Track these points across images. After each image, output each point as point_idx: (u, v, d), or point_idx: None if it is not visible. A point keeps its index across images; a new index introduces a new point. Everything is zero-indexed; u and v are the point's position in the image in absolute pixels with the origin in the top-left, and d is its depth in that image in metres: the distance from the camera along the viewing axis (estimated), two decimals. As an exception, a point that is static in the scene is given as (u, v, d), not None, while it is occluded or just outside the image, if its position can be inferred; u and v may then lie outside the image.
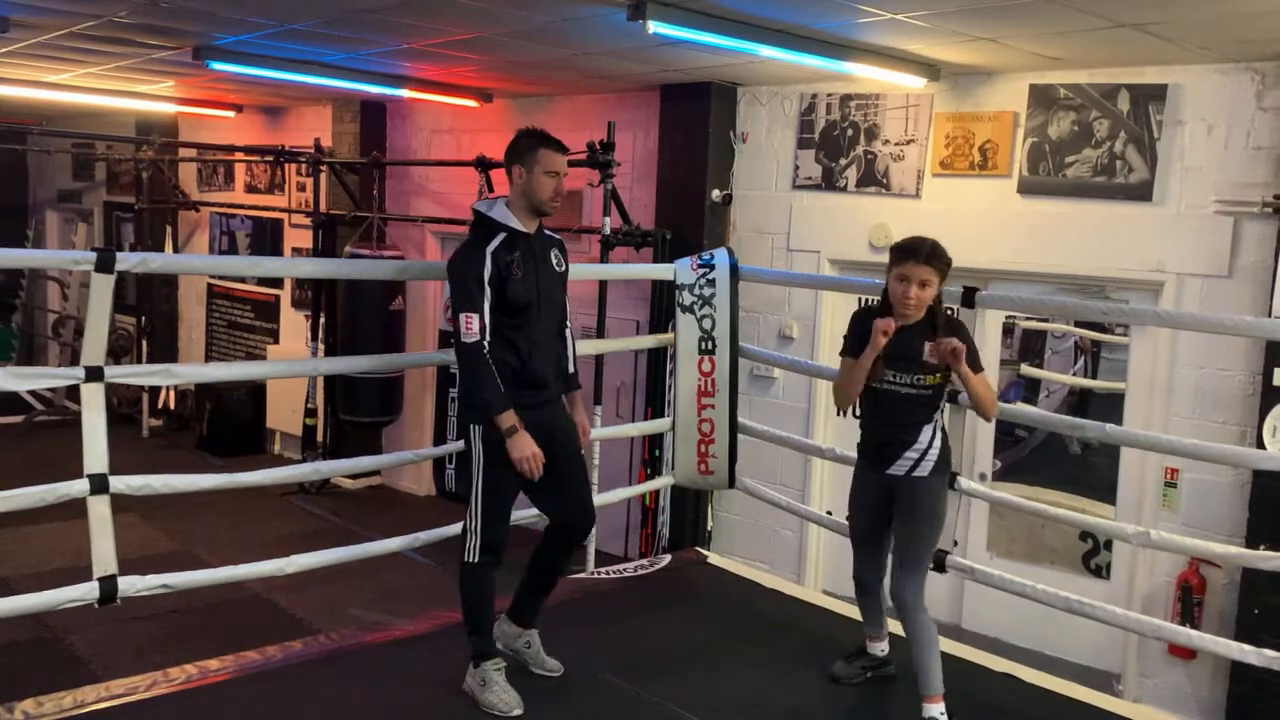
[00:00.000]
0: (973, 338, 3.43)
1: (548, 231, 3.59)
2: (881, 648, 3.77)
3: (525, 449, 3.29)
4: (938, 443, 3.43)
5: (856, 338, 3.46)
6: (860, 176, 6.03)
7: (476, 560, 3.42)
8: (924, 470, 3.40)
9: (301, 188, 9.45)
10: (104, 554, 3.43)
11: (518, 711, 3.35)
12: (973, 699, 3.75)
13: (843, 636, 4.02)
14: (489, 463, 3.40)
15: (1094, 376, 6.11)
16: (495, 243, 3.35)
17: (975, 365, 3.36)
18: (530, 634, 3.72)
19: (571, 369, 3.71)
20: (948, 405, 4.20)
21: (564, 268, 3.60)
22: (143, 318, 10.79)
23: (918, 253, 3.33)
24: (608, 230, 6.26)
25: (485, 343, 3.31)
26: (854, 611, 3.89)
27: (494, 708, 3.36)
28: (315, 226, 8.79)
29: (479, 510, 3.41)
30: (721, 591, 4.75)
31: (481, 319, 3.30)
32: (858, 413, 3.71)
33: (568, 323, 3.67)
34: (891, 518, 3.51)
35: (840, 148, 6.11)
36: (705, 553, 5.41)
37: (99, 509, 3.41)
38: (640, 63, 5.92)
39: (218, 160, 10.53)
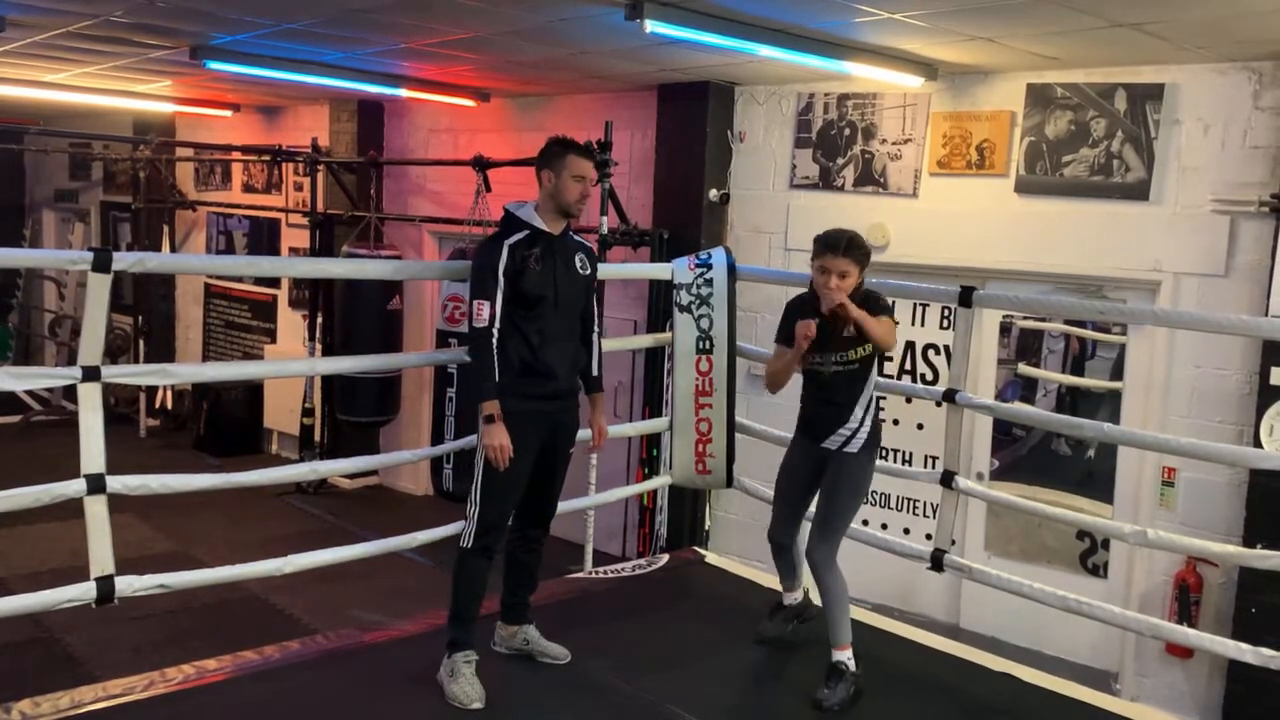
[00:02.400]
0: (889, 304, 3.71)
1: (576, 237, 3.72)
2: (795, 597, 4.12)
3: (495, 439, 3.39)
4: (869, 422, 3.71)
5: (788, 327, 3.71)
6: (858, 176, 6.03)
7: (470, 546, 3.51)
8: (854, 447, 3.69)
9: (299, 187, 9.45)
10: (101, 554, 3.42)
11: (477, 705, 3.38)
12: (971, 698, 3.76)
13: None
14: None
15: (1080, 376, 6.12)
16: (515, 238, 3.49)
17: (881, 312, 3.62)
18: (525, 629, 3.78)
19: (595, 371, 3.81)
20: (945, 404, 4.28)
21: (589, 271, 3.70)
22: (140, 317, 10.79)
23: (837, 245, 3.57)
24: (605, 229, 6.26)
25: (495, 330, 3.43)
26: (853, 611, 3.88)
27: (455, 699, 3.41)
28: (312, 226, 8.78)
29: (478, 497, 3.50)
30: (719, 591, 4.75)
31: (492, 307, 3.43)
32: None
33: (595, 326, 3.79)
34: (813, 487, 3.84)
35: (838, 147, 6.11)
36: (703, 552, 5.41)
37: (96, 509, 3.40)
38: (637, 62, 5.92)
39: (215, 160, 10.52)
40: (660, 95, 6.70)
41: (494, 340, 3.43)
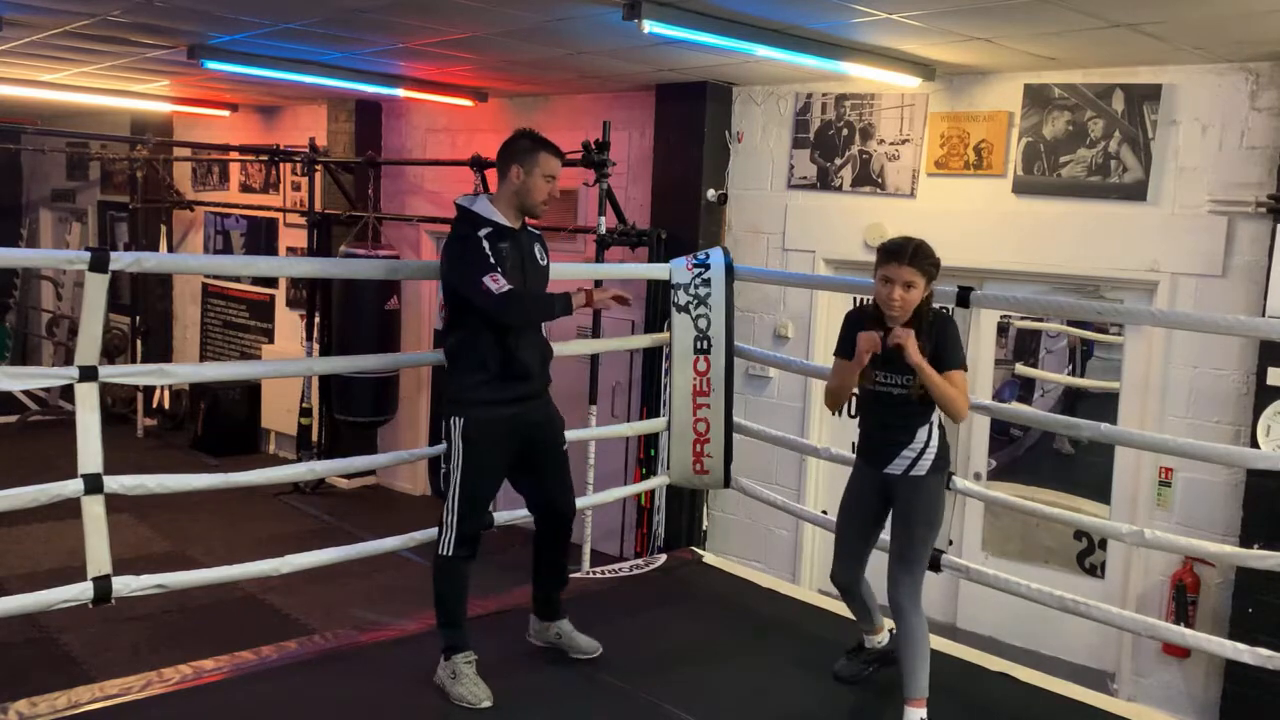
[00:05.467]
0: (958, 337, 3.40)
1: (530, 227, 3.63)
2: (879, 639, 3.75)
3: (605, 293, 3.52)
4: (935, 441, 3.39)
5: (848, 339, 3.43)
6: (855, 176, 6.03)
7: (450, 554, 3.47)
8: (922, 469, 3.36)
9: (296, 187, 9.44)
10: (98, 554, 3.42)
11: (486, 704, 3.38)
12: (968, 698, 3.75)
13: (838, 636, 4.02)
14: (467, 458, 3.44)
15: (1081, 377, 6.12)
16: (484, 232, 3.39)
17: (946, 363, 3.28)
18: (558, 624, 3.79)
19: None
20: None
21: (546, 261, 3.64)
22: (137, 317, 10.77)
23: (901, 253, 3.28)
24: (603, 230, 6.26)
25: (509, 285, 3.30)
26: (849, 610, 3.90)
27: (463, 700, 3.40)
28: (310, 226, 8.78)
29: (455, 504, 3.46)
30: (716, 591, 4.75)
31: (504, 275, 3.28)
32: (853, 412, 3.70)
33: None
34: (880, 519, 3.53)
35: (835, 147, 6.11)
36: (700, 552, 5.41)
37: (93, 509, 3.40)
38: (635, 62, 5.92)
39: (212, 159, 10.52)
40: (658, 95, 6.70)
41: (509, 287, 3.28)
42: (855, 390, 3.50)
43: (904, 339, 3.21)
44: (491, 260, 3.30)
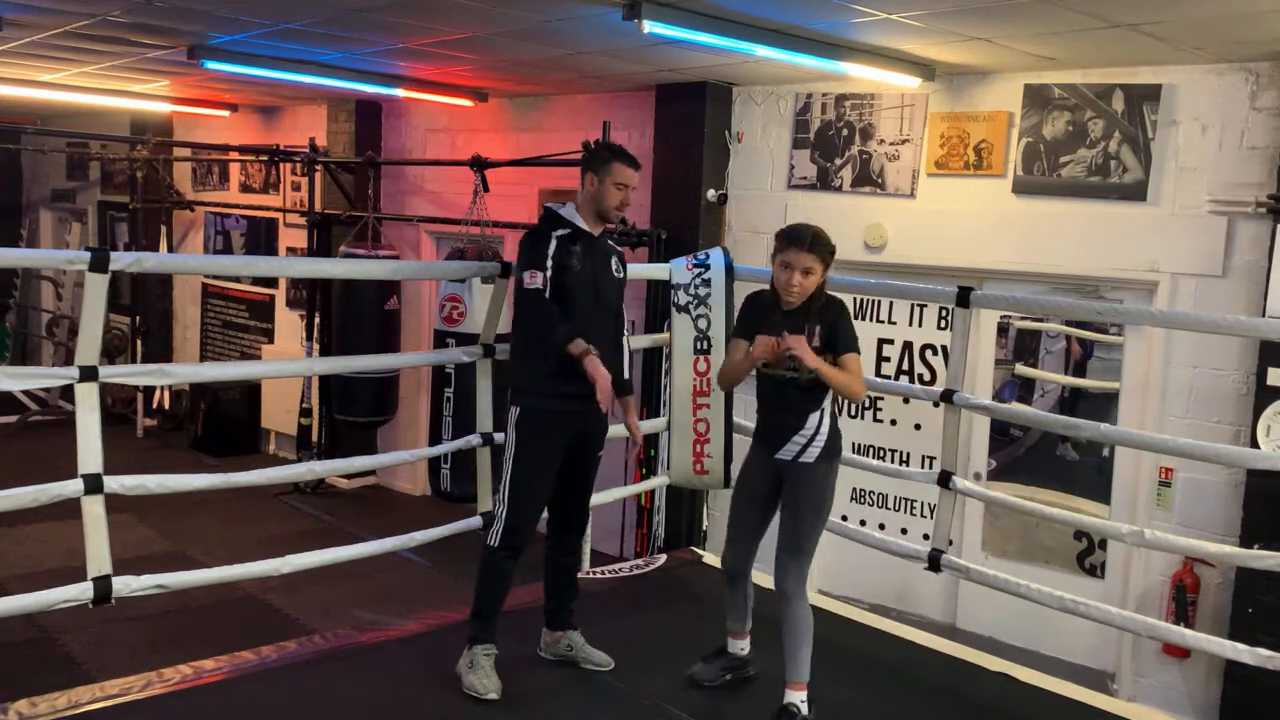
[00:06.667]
0: (851, 320, 3.44)
1: (610, 241, 3.78)
2: (742, 646, 3.77)
3: (601, 371, 3.37)
4: (825, 428, 3.42)
5: (746, 320, 3.52)
6: (855, 176, 6.03)
7: (496, 545, 3.54)
8: (810, 455, 3.41)
9: (296, 187, 9.44)
10: (98, 554, 3.42)
11: (492, 696, 3.45)
12: (968, 698, 3.76)
13: (837, 636, 4.03)
14: (519, 447, 3.53)
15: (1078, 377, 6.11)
16: (561, 232, 3.55)
17: (841, 347, 3.35)
18: (569, 635, 3.81)
19: (626, 374, 3.84)
20: (943, 405, 4.28)
21: (622, 274, 3.76)
22: (137, 317, 10.78)
23: (801, 240, 3.34)
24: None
25: (546, 292, 3.45)
26: (850, 611, 3.92)
27: (472, 689, 3.46)
28: (310, 226, 8.78)
29: (505, 493, 3.54)
30: (716, 591, 4.71)
31: (545, 276, 3.45)
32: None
33: (625, 330, 3.80)
34: (771, 504, 3.55)
35: (835, 147, 6.11)
36: (700, 552, 5.42)
37: (93, 509, 3.40)
38: (635, 62, 5.92)
39: (212, 160, 10.52)
40: (658, 95, 6.70)
41: (548, 296, 3.43)
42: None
43: (797, 346, 3.23)
44: (549, 260, 3.46)
